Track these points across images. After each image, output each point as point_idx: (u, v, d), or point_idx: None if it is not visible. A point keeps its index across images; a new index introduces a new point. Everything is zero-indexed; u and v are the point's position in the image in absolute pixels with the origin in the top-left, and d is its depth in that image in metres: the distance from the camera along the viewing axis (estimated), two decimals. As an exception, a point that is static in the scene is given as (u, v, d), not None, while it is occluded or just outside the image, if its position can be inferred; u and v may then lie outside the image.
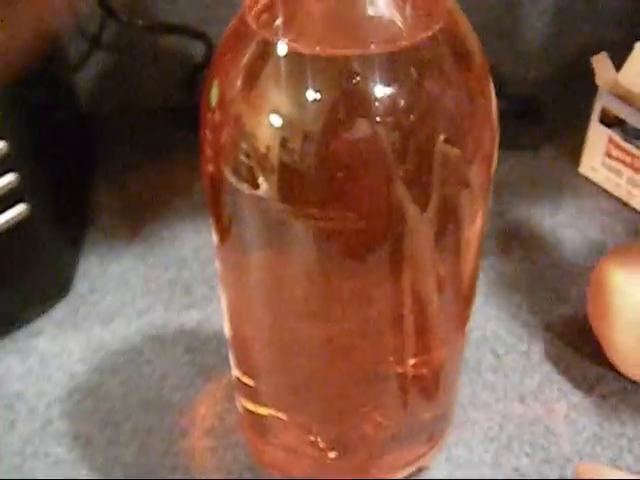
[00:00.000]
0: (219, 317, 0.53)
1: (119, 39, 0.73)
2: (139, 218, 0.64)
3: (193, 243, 0.61)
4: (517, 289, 0.57)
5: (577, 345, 0.52)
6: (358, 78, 0.29)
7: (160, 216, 0.64)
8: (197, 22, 0.73)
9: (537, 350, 0.52)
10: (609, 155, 0.65)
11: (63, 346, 0.53)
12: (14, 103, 0.49)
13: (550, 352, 0.52)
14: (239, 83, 0.31)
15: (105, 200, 0.66)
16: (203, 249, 0.60)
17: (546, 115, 0.75)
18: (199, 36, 0.73)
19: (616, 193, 0.66)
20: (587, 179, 0.68)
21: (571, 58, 0.78)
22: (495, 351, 0.52)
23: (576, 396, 0.49)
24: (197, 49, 0.73)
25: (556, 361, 0.51)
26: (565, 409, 0.48)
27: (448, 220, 0.33)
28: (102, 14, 0.70)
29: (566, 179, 0.68)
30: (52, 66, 0.63)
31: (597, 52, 0.64)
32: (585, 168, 0.68)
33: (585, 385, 0.50)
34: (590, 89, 0.64)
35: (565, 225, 0.63)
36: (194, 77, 0.74)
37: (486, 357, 0.52)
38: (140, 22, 0.71)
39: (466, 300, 0.39)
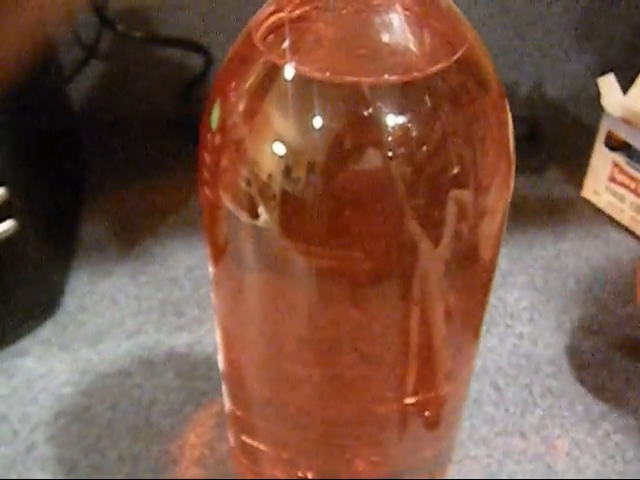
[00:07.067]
0: (211, 340, 0.53)
1: (115, 49, 0.73)
2: (131, 235, 0.63)
3: (186, 262, 0.60)
4: (519, 318, 0.55)
5: (581, 379, 0.51)
6: (369, 107, 0.27)
7: (152, 233, 0.63)
8: (195, 34, 0.72)
9: (539, 383, 0.51)
10: (613, 179, 0.64)
11: (50, 367, 0.52)
12: (4, 114, 0.48)
13: (553, 386, 0.51)
14: (242, 106, 0.30)
15: (96, 216, 0.65)
16: (196, 269, 0.59)
17: (551, 137, 0.74)
18: (197, 48, 0.72)
19: (619, 218, 0.65)
20: (590, 203, 0.67)
21: (577, 79, 0.77)
22: (496, 384, 0.51)
23: (579, 432, 0.48)
24: (195, 61, 0.73)
25: (559, 395, 0.50)
26: (567, 446, 0.47)
27: (461, 254, 0.31)
28: (98, 24, 0.70)
29: (570, 203, 0.67)
30: (45, 75, 0.62)
31: (604, 74, 0.63)
32: (588, 192, 0.67)
33: (589, 421, 0.49)
34: (596, 111, 0.63)
35: (568, 252, 0.62)
36: (191, 89, 0.74)
37: (486, 390, 0.50)
38: (137, 33, 0.70)
39: (474, 333, 0.38)
